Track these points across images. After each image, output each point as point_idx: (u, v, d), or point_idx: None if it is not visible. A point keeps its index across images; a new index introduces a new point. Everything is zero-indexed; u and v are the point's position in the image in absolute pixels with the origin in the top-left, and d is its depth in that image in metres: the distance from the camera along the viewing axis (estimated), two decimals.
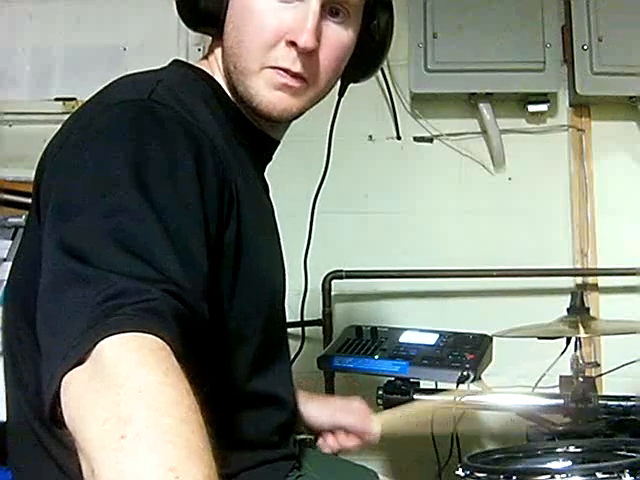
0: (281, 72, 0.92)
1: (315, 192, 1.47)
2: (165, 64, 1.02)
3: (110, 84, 0.90)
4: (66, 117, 0.91)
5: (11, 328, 0.91)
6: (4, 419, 0.94)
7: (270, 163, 1.12)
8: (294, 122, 1.04)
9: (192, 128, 0.83)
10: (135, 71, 0.93)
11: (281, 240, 1.09)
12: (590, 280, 2.18)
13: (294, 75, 0.92)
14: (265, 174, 1.12)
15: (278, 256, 1.07)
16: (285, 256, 1.10)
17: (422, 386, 1.54)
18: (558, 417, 1.45)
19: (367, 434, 1.29)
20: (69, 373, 0.62)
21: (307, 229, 1.76)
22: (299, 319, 2.07)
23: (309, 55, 0.92)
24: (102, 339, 0.62)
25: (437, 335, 1.59)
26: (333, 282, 2.13)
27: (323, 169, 1.40)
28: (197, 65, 1.01)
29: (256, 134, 1.02)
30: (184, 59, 1.04)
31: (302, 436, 1.48)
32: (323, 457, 1.24)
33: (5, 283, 0.96)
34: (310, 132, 1.50)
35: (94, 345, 0.62)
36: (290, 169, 2.09)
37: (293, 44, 0.90)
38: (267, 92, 0.93)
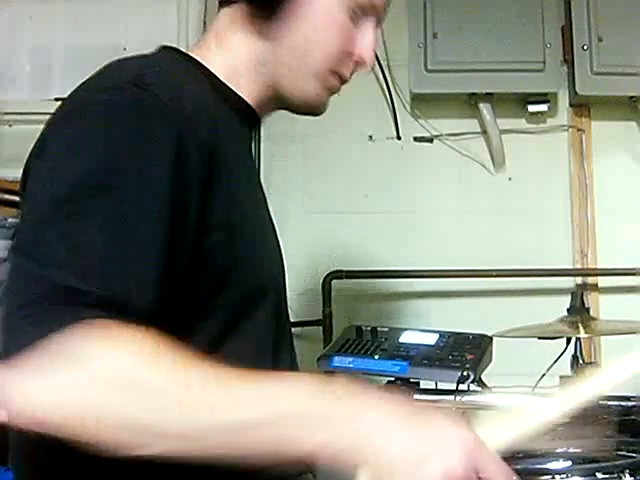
0: (338, 78, 0.98)
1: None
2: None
3: (101, 68, 0.89)
4: None
5: None
6: (4, 419, 0.94)
7: (269, 160, 1.12)
8: (293, 120, 1.03)
9: (177, 116, 0.81)
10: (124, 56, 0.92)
11: (275, 225, 1.08)
12: (590, 280, 2.18)
13: (344, 82, 0.99)
14: (264, 172, 1.11)
15: (274, 241, 1.04)
16: (285, 256, 1.09)
17: (422, 386, 1.54)
18: (558, 417, 1.45)
19: None
20: None
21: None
22: (299, 319, 2.07)
23: None
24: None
25: (437, 335, 1.59)
26: (333, 282, 2.13)
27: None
28: (188, 53, 0.99)
29: (250, 114, 1.01)
30: None
31: None
32: None
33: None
34: (310, 132, 1.50)
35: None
36: (289, 168, 2.09)
37: (357, 59, 0.97)
38: (322, 92, 0.98)
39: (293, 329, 2.12)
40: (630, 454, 1.11)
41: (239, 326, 0.89)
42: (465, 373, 1.43)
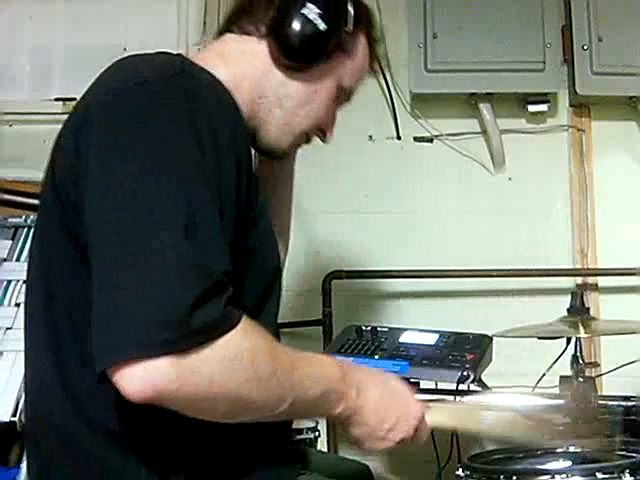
0: (306, 140, 1.13)
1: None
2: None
3: (122, 67, 0.91)
4: (66, 117, 0.90)
5: (51, 318, 0.90)
6: (5, 419, 0.94)
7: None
8: None
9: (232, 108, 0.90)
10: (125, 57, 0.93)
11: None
12: (590, 280, 2.18)
13: (307, 143, 1.15)
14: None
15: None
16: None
17: (422, 386, 1.54)
18: (558, 417, 1.45)
19: None
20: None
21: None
22: (299, 319, 2.07)
23: None
24: None
25: (437, 335, 1.59)
26: (333, 282, 2.13)
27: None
28: (192, 60, 0.99)
29: None
30: None
31: (302, 436, 1.48)
32: (315, 453, 1.24)
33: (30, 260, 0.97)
34: None
35: None
36: None
37: (325, 133, 1.13)
38: (290, 147, 1.10)
39: (293, 329, 2.14)
40: (630, 454, 1.11)
41: (263, 305, 0.99)
42: (465, 373, 1.43)
